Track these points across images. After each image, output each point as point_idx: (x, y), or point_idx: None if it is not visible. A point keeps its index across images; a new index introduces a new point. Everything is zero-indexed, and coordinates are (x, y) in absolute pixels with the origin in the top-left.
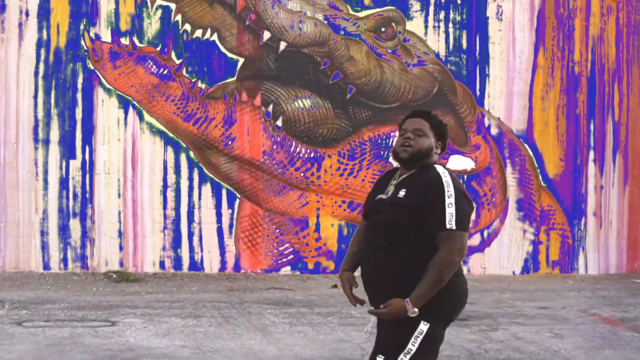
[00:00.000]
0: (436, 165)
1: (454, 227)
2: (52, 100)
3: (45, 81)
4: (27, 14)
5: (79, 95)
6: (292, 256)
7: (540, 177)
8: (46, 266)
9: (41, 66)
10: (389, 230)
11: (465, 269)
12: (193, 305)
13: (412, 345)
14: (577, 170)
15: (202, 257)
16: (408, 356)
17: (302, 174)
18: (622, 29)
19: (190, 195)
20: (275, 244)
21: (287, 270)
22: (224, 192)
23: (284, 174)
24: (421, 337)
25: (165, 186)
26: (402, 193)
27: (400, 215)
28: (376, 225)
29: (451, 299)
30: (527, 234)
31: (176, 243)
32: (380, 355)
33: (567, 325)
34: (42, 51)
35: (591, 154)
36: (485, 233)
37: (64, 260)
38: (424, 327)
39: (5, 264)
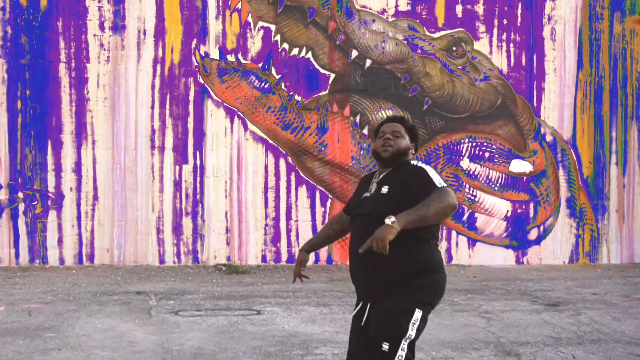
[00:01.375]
0: (412, 161)
1: (445, 185)
2: (167, 111)
3: (160, 94)
4: (144, 34)
5: (191, 107)
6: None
7: (580, 179)
8: (162, 260)
9: (157, 80)
10: (377, 223)
11: (525, 260)
12: (314, 294)
13: (411, 331)
14: (602, 172)
15: (296, 249)
16: (408, 341)
17: None
18: None
19: (288, 196)
20: None
21: None
22: (317, 193)
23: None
24: (417, 323)
25: (266, 188)
26: (384, 189)
27: (384, 208)
28: (364, 220)
29: (436, 291)
30: (572, 229)
31: (276, 238)
32: (385, 342)
33: (620, 308)
34: (158, 67)
35: (613, 158)
36: (542, 228)
37: (177, 255)
38: (418, 314)
39: (126, 259)
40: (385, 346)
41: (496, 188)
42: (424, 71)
